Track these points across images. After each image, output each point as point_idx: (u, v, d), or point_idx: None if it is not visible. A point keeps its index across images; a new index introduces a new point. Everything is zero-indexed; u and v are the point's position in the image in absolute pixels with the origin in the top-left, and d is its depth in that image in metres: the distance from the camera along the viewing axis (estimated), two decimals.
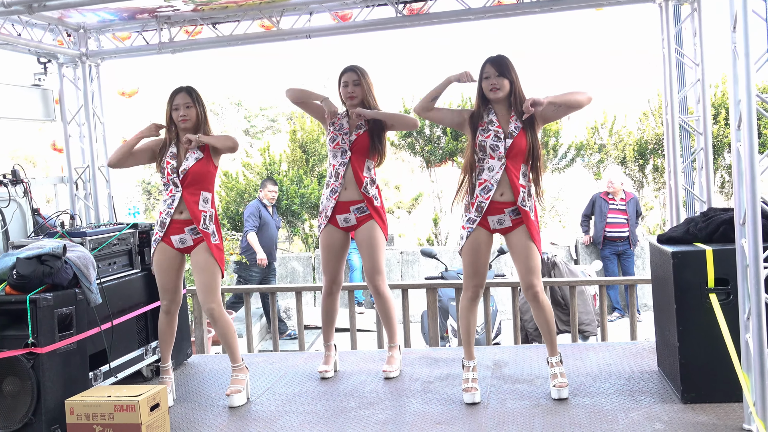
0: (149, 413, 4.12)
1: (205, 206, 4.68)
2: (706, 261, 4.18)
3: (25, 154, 19.79)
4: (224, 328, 4.74)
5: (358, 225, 4.94)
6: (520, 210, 4.40)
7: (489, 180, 4.41)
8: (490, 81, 4.41)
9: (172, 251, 4.71)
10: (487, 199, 4.42)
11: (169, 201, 4.68)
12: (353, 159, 4.88)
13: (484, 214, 4.44)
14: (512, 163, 4.39)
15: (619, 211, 10.75)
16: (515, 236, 4.46)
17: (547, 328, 4.54)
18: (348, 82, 4.91)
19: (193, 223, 4.64)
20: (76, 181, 6.19)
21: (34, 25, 5.58)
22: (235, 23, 5.75)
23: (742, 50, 3.57)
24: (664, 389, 4.53)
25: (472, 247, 4.49)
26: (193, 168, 4.61)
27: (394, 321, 5.19)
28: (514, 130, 4.40)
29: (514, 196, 4.40)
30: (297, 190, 12.93)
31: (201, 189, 4.66)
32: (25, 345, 4.13)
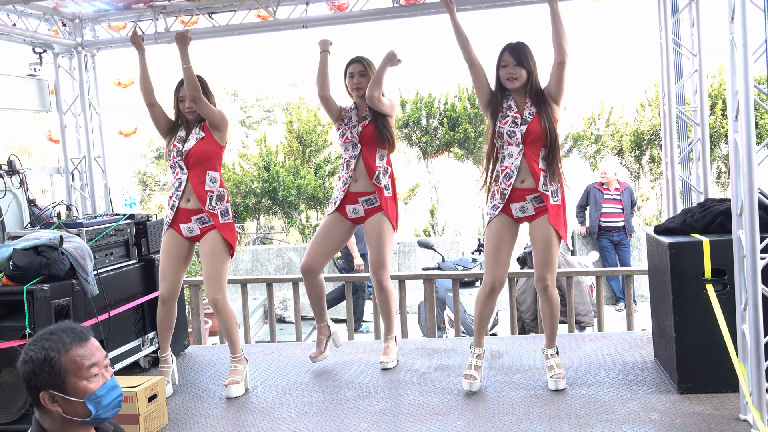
0: (147, 404, 4.14)
1: (213, 186, 4.66)
2: (702, 252, 4.18)
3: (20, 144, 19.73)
4: (228, 319, 4.72)
5: (366, 217, 4.93)
6: (542, 195, 4.36)
7: (510, 167, 4.40)
8: (507, 70, 4.39)
9: (181, 239, 4.72)
10: (509, 185, 4.40)
11: (176, 184, 4.69)
12: (364, 150, 4.87)
13: (507, 201, 4.41)
14: (530, 149, 4.36)
15: (614, 200, 10.75)
16: (536, 225, 4.42)
17: (551, 321, 4.53)
18: (354, 73, 4.90)
19: (200, 212, 4.64)
20: (72, 172, 6.17)
21: (29, 15, 5.54)
22: (232, 13, 5.72)
23: (740, 41, 3.57)
24: (661, 380, 4.55)
25: (494, 234, 4.45)
26: (195, 147, 4.61)
27: (393, 314, 5.17)
28: (529, 115, 4.38)
29: (534, 181, 4.36)
30: (294, 181, 12.91)
31: (207, 168, 4.65)
32: (23, 336, 4.13)
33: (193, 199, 4.65)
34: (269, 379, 5.03)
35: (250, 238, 14.11)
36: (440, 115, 13.54)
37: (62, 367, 2.17)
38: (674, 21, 5.26)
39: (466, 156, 13.58)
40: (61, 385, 2.18)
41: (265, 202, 13.33)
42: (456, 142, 13.41)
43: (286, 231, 14.32)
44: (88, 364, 2.22)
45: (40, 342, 2.21)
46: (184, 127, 4.75)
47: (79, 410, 2.22)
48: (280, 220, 14.39)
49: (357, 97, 4.95)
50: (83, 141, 6.18)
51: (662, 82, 5.34)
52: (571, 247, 11.90)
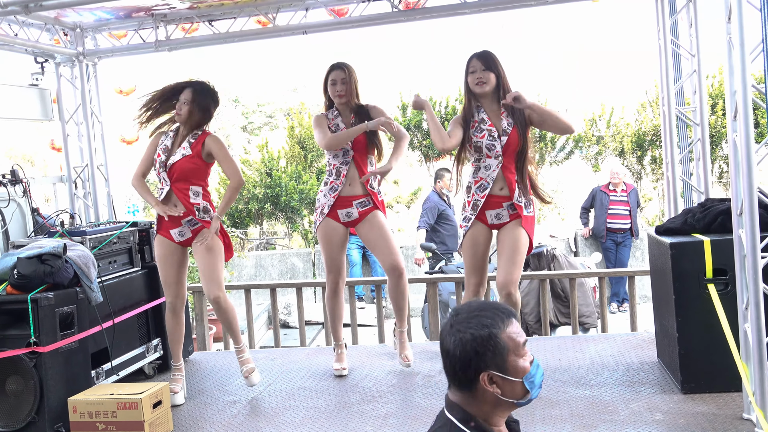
0: (152, 410, 4.15)
1: (197, 199, 4.66)
2: (704, 251, 4.19)
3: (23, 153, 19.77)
4: (230, 314, 4.72)
5: (360, 218, 4.93)
6: (515, 205, 4.40)
7: (485, 178, 4.42)
8: (476, 75, 4.39)
9: (172, 245, 4.72)
10: (482, 197, 4.43)
11: (158, 194, 4.69)
12: (356, 157, 4.86)
13: (482, 209, 4.44)
14: (508, 161, 4.39)
15: (621, 202, 10.76)
16: (508, 229, 4.44)
17: None
18: (336, 80, 4.87)
19: (189, 215, 4.65)
20: (75, 180, 6.19)
21: (30, 25, 5.57)
22: (232, 20, 5.75)
23: (737, 41, 3.58)
24: (664, 380, 4.55)
25: (469, 244, 4.50)
26: (179, 163, 4.61)
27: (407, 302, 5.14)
28: (508, 126, 4.38)
29: (510, 192, 4.40)
30: (296, 186, 12.94)
31: (190, 184, 4.64)
32: (27, 344, 4.15)
33: (180, 205, 4.64)
34: (273, 384, 5.04)
35: (253, 244, 14.14)
36: (441, 118, 13.57)
37: (504, 345, 2.04)
38: (672, 21, 5.28)
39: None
40: (502, 364, 2.04)
41: (267, 207, 13.36)
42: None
43: (289, 236, 14.34)
44: (522, 341, 2.09)
45: (475, 319, 2.07)
46: (172, 135, 4.73)
47: (518, 391, 2.08)
48: (282, 225, 14.41)
49: (339, 104, 4.92)
50: (86, 149, 6.20)
51: (661, 83, 5.35)
52: (574, 248, 11.90)
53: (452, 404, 2.14)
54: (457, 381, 2.11)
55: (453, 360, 2.08)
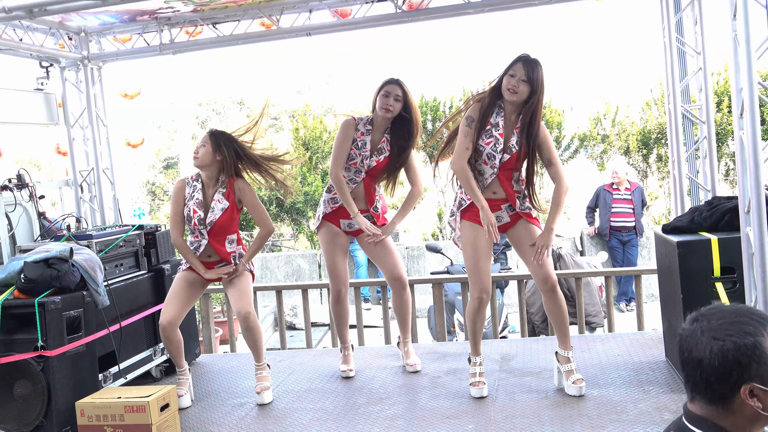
0: (159, 413, 4.15)
1: (232, 246, 4.75)
2: (711, 250, 4.18)
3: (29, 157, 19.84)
4: (257, 333, 4.68)
5: (361, 230, 4.86)
6: (521, 214, 4.35)
7: (478, 181, 4.31)
8: (513, 81, 4.15)
9: (198, 279, 4.76)
10: (469, 200, 4.33)
11: (195, 245, 4.71)
12: (366, 180, 4.80)
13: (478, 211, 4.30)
14: (504, 174, 4.30)
15: (625, 200, 10.74)
16: (519, 229, 4.38)
17: (562, 320, 4.38)
18: (390, 93, 4.70)
19: (224, 261, 4.72)
20: (81, 184, 6.21)
21: (35, 30, 5.59)
22: (236, 23, 5.76)
23: (743, 38, 3.58)
24: (673, 379, 4.54)
25: (471, 245, 4.36)
26: (220, 219, 4.64)
27: (410, 314, 5.16)
28: (514, 145, 4.24)
29: (507, 195, 4.33)
30: (301, 188, 12.95)
31: (227, 234, 4.72)
32: (35, 348, 4.16)
33: (215, 255, 4.72)
34: (281, 386, 5.04)
35: None
36: (445, 118, 13.55)
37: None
38: (677, 19, 5.27)
39: None
40: (765, 376, 1.83)
41: (273, 209, 13.37)
42: None
43: (294, 238, 14.35)
44: None
45: (734, 326, 1.85)
46: (200, 186, 4.69)
47: None
48: (288, 227, 14.42)
49: (382, 118, 4.75)
50: (91, 153, 6.22)
51: (666, 81, 5.34)
52: (579, 247, 11.89)
53: (699, 418, 1.91)
54: (710, 393, 1.87)
55: (708, 371, 1.85)
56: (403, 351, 5.23)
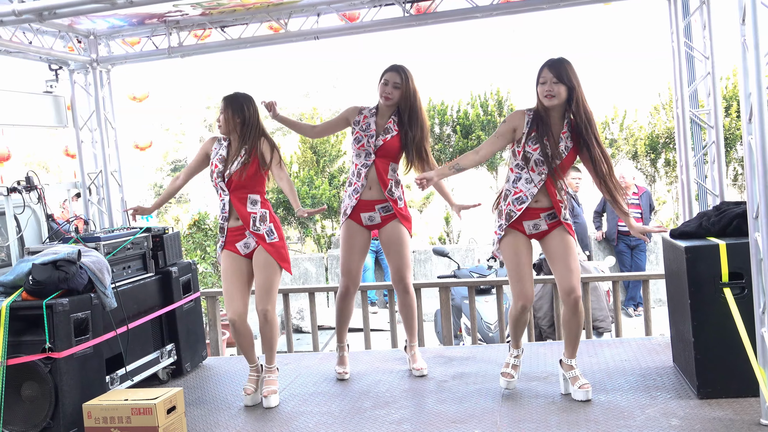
0: (166, 416, 4.15)
1: (254, 208, 4.64)
2: (719, 255, 4.16)
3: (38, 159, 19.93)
4: (273, 330, 4.70)
5: (383, 223, 4.91)
6: (564, 224, 4.32)
7: (525, 192, 4.29)
8: (545, 87, 4.15)
9: (239, 258, 4.70)
10: (519, 210, 4.31)
11: (220, 206, 4.71)
12: (377, 162, 4.83)
13: (518, 220, 4.33)
14: (551, 180, 4.27)
15: (632, 205, 10.70)
16: (553, 238, 4.34)
17: (577, 333, 4.38)
18: (389, 81, 4.79)
19: (244, 224, 4.64)
20: (89, 187, 6.23)
21: (44, 33, 5.62)
22: (244, 26, 5.77)
23: (752, 43, 3.56)
24: (680, 385, 4.52)
25: (512, 252, 4.35)
26: (238, 172, 4.60)
27: (416, 319, 5.18)
28: (564, 150, 4.23)
29: (552, 205, 4.31)
30: (308, 191, 12.96)
31: (248, 192, 4.64)
32: (43, 350, 4.17)
33: (238, 218, 4.66)
34: (287, 390, 5.04)
35: None
36: (453, 122, 13.56)
37: None
38: (686, 24, 5.26)
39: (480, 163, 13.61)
40: None
41: (280, 212, 13.38)
42: (469, 150, 13.41)
43: (301, 241, 14.36)
44: None
45: None
46: (227, 143, 4.72)
47: None
48: (295, 230, 14.43)
49: (385, 106, 4.85)
50: (99, 156, 6.24)
51: (675, 86, 5.32)
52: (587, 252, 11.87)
53: None
54: None
55: None
56: (409, 355, 5.23)
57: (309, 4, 5.54)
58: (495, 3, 5.42)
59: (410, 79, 4.81)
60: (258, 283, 4.65)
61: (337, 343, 5.26)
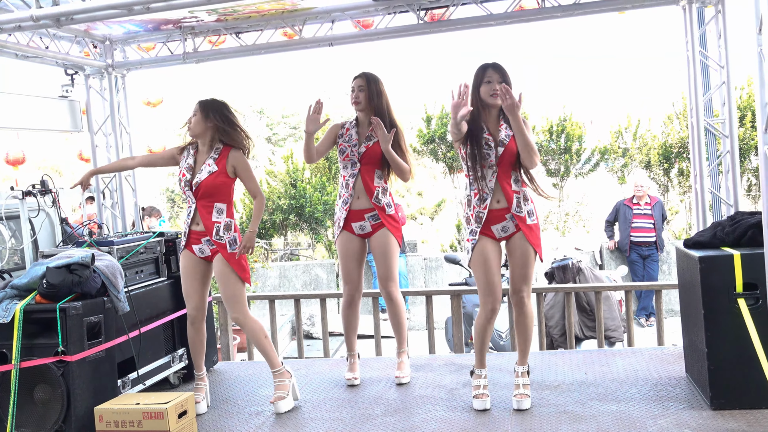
0: (177, 420, 4.16)
1: (219, 217, 4.68)
2: (734, 265, 4.13)
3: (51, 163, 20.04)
4: (255, 334, 4.74)
5: (372, 232, 4.99)
6: (515, 216, 4.39)
7: (483, 189, 4.41)
8: (491, 86, 4.34)
9: (195, 258, 4.76)
10: (484, 208, 4.41)
11: (187, 212, 4.76)
12: (362, 170, 4.91)
13: (485, 224, 4.42)
14: (503, 171, 4.38)
15: (645, 215, 10.66)
16: (514, 242, 4.44)
17: (525, 336, 4.52)
18: (354, 88, 4.94)
19: (207, 232, 4.67)
20: (103, 191, 6.26)
21: (61, 38, 5.66)
22: (258, 32, 5.80)
23: None
24: (693, 395, 4.49)
25: (481, 261, 4.44)
26: (206, 181, 4.63)
27: (404, 327, 5.22)
28: (505, 138, 4.38)
29: (508, 203, 4.39)
30: (320, 198, 12.99)
31: (214, 201, 4.67)
32: (55, 353, 4.19)
33: (201, 223, 4.70)
34: None
35: (277, 255, 14.19)
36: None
37: None
38: (701, 33, 5.25)
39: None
40: None
41: (292, 218, 13.41)
42: None
43: (312, 247, 14.37)
44: None
45: None
46: (194, 151, 4.76)
47: None
48: (306, 236, 14.45)
49: (358, 113, 4.97)
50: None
51: (689, 95, 5.31)
52: (599, 261, 11.82)
53: None
54: None
55: None
56: (397, 362, 5.28)
57: (323, 11, 5.56)
58: (509, 11, 5.42)
59: (374, 81, 4.91)
60: (223, 296, 4.73)
61: (347, 351, 5.26)
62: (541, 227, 15.24)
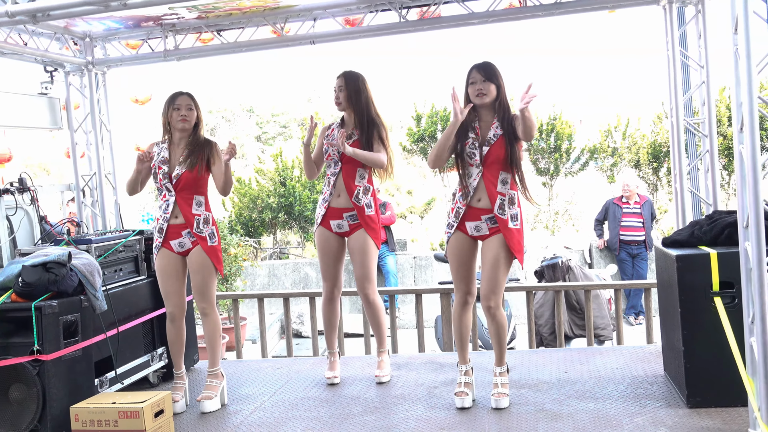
0: (153, 419, 4.15)
1: (199, 209, 4.71)
2: (710, 264, 4.14)
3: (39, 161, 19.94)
4: (212, 329, 4.80)
5: (350, 232, 4.99)
6: (497, 218, 4.38)
7: (468, 187, 4.43)
8: (476, 86, 4.39)
9: (174, 256, 4.75)
10: (464, 205, 4.44)
11: (164, 206, 4.73)
12: (344, 169, 4.91)
13: (462, 219, 4.45)
14: (489, 171, 4.38)
15: (634, 214, 10.68)
16: (488, 245, 4.43)
17: (497, 340, 4.52)
18: (335, 88, 4.96)
19: (187, 225, 4.69)
20: (83, 189, 6.23)
21: (40, 35, 5.62)
22: (240, 30, 5.77)
23: (744, 52, 3.54)
24: (670, 393, 4.49)
25: (454, 252, 4.50)
26: (186, 173, 4.65)
27: (383, 327, 5.23)
28: (493, 137, 4.39)
29: (491, 203, 4.38)
30: (310, 196, 12.97)
31: (194, 193, 4.71)
32: (31, 352, 4.16)
33: (181, 216, 4.70)
34: (277, 394, 5.03)
35: (266, 253, 14.17)
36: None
37: None
38: (681, 32, 5.25)
39: None
40: None
41: (281, 216, 13.40)
42: None
43: (302, 246, 14.36)
44: None
45: None
46: (168, 144, 4.77)
47: None
48: (296, 234, 14.44)
49: (341, 111, 5.00)
50: (94, 158, 6.24)
51: (670, 94, 5.31)
52: (588, 260, 11.83)
53: None
54: None
55: None
56: (377, 360, 5.29)
57: (305, 8, 5.54)
58: (491, 10, 5.41)
59: (353, 80, 4.92)
60: (194, 285, 4.75)
61: (327, 349, 5.26)
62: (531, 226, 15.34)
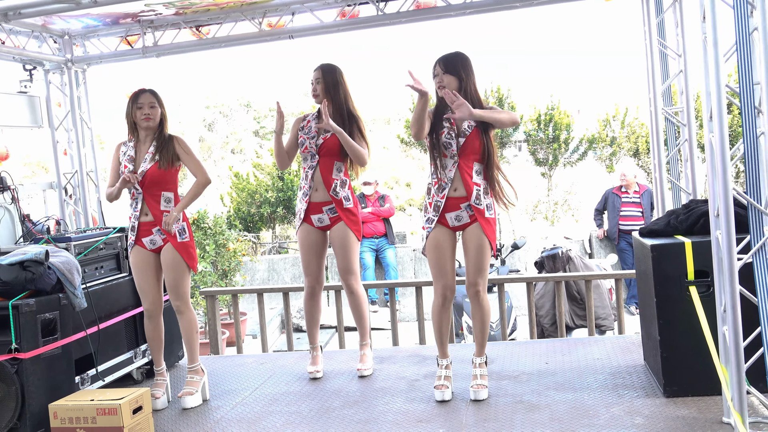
0: (132, 416, 4.15)
1: (168, 206, 4.71)
2: (685, 253, 4.13)
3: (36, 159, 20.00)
4: (187, 326, 4.80)
5: (331, 225, 4.99)
6: (473, 207, 4.39)
7: (443, 179, 4.42)
8: (437, 79, 4.42)
9: (147, 253, 4.75)
10: (442, 197, 4.43)
11: (134, 204, 4.73)
12: (321, 162, 4.90)
13: (442, 212, 4.44)
14: (464, 162, 4.39)
15: (633, 204, 10.65)
16: (470, 233, 4.45)
17: (481, 328, 4.54)
18: (312, 81, 4.95)
19: (157, 222, 4.68)
20: (65, 187, 6.24)
21: (18, 33, 5.61)
22: (218, 25, 5.77)
23: (711, 40, 3.53)
24: (648, 383, 4.49)
25: (433, 246, 4.49)
26: (151, 170, 4.65)
27: (366, 320, 5.23)
28: (467, 128, 4.39)
29: (467, 192, 4.39)
30: None
31: (162, 189, 4.70)
32: (9, 351, 4.17)
33: (150, 214, 4.70)
34: (259, 389, 5.04)
35: (265, 248, 14.19)
36: None
37: None
38: (659, 21, 5.22)
39: None
40: None
41: (280, 211, 13.41)
42: None
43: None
44: None
45: None
46: (135, 141, 4.75)
47: None
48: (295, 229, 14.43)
49: (318, 104, 4.95)
50: (75, 156, 6.25)
51: (648, 84, 5.30)
52: (589, 250, 11.80)
53: None
54: None
55: None
56: (359, 353, 5.29)
57: (282, 3, 5.53)
58: (467, 2, 5.39)
59: (330, 73, 4.90)
60: (167, 283, 4.74)
61: (309, 344, 5.27)
62: (531, 217, 15.31)
